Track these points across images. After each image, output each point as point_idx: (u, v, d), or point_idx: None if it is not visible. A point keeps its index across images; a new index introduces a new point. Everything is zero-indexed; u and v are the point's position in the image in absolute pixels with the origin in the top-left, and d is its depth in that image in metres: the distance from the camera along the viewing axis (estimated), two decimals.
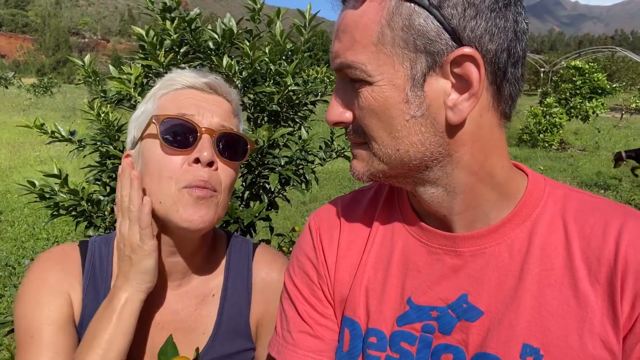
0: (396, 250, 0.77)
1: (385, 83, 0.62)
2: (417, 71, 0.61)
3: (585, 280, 0.63)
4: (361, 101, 0.64)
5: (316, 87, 2.07)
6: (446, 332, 0.70)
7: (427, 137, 0.63)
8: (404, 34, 0.60)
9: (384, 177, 0.70)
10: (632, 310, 0.60)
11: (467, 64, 0.59)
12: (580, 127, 16.90)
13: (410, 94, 0.62)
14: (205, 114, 0.90)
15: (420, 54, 0.60)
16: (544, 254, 0.66)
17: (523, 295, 0.66)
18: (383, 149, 0.66)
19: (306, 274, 0.83)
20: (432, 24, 0.59)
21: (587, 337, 0.62)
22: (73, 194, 1.74)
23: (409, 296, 0.73)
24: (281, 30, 1.98)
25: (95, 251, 0.97)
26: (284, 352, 0.81)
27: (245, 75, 1.93)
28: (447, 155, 0.65)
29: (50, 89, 30.56)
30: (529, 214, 0.69)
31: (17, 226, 6.28)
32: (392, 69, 0.61)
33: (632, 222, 0.64)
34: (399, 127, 0.63)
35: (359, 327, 0.77)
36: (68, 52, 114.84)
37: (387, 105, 0.62)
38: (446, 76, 0.61)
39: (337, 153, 2.21)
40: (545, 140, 13.56)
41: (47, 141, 1.90)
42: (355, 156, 0.72)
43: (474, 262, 0.70)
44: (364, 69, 0.62)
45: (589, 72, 15.75)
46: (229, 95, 0.97)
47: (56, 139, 1.89)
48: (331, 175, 9.47)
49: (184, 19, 1.97)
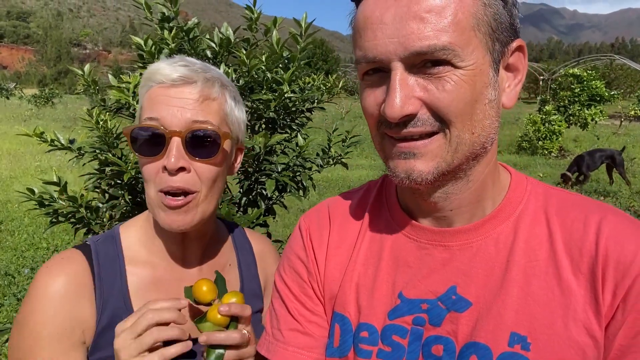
0: (386, 247, 0.79)
1: (474, 67, 0.63)
2: (496, 57, 0.66)
3: (569, 270, 0.66)
4: (447, 85, 0.62)
5: (313, 94, 2.09)
6: (436, 323, 0.72)
7: (493, 120, 0.67)
8: (494, 22, 0.64)
9: (447, 172, 0.67)
10: (613, 299, 0.63)
11: (518, 54, 0.69)
12: (580, 135, 16.93)
13: (492, 79, 0.66)
14: (175, 112, 0.89)
15: (497, 42, 0.65)
16: (528, 246, 0.70)
17: (510, 285, 0.68)
18: (461, 134, 0.65)
19: (296, 273, 0.85)
20: (506, 16, 0.65)
21: (572, 324, 0.64)
22: (72, 201, 1.76)
23: (400, 290, 0.75)
24: (278, 39, 2.01)
25: (99, 252, 0.95)
26: (274, 350, 0.82)
27: (242, 83, 1.96)
28: (492, 143, 0.70)
29: (51, 99, 30.69)
30: (513, 210, 0.73)
31: (17, 235, 6.29)
32: (481, 54, 0.64)
33: (611, 216, 0.68)
34: (478, 111, 0.65)
35: (349, 323, 0.78)
36: (69, 63, 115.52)
37: (475, 89, 0.64)
38: (504, 64, 0.68)
39: (334, 160, 2.23)
40: (544, 147, 13.59)
41: (47, 149, 1.92)
42: (418, 155, 0.66)
43: (462, 255, 0.72)
44: (459, 52, 0.61)
45: (588, 79, 15.82)
46: (206, 80, 0.93)
47: (56, 147, 1.91)
48: (330, 183, 9.48)
49: (182, 29, 2.01)
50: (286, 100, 1.98)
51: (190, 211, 0.90)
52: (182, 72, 0.90)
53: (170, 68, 0.91)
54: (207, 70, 0.95)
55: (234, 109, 0.98)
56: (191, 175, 0.90)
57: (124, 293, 0.93)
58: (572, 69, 17.47)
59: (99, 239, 0.99)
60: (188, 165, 0.89)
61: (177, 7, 2.01)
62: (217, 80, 0.95)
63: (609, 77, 36.67)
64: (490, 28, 0.64)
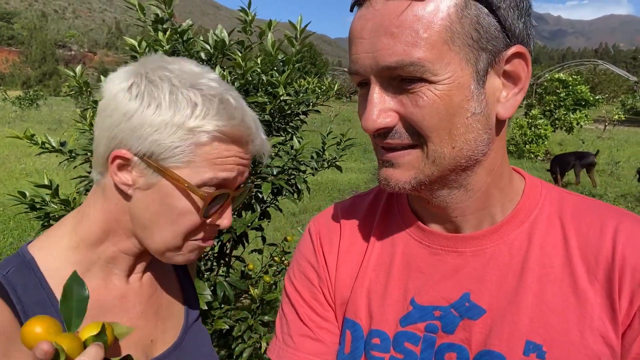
0: (397, 253, 0.77)
1: (450, 81, 0.60)
2: (481, 69, 0.62)
3: (584, 277, 0.65)
4: (420, 100, 0.61)
5: (308, 97, 2.09)
6: (449, 331, 0.71)
7: (480, 134, 0.64)
8: (473, 31, 0.60)
9: (429, 183, 0.67)
10: (630, 306, 0.62)
11: (517, 61, 0.64)
12: (565, 138, 17.17)
13: (475, 92, 0.62)
14: (238, 175, 0.81)
15: (483, 51, 0.61)
16: (543, 252, 0.68)
17: (524, 292, 0.67)
18: (439, 148, 0.64)
19: (307, 278, 0.84)
20: (493, 22, 0.61)
21: (588, 332, 0.63)
22: (64, 204, 1.73)
23: (412, 297, 0.74)
24: (273, 41, 2.00)
25: (17, 288, 0.75)
26: (285, 356, 0.81)
27: (238, 85, 1.95)
28: (485, 154, 0.67)
29: (36, 101, 30.21)
30: (527, 215, 0.71)
31: (3, 240, 6.18)
32: (459, 67, 0.60)
33: (628, 221, 0.66)
34: (458, 125, 0.62)
35: (360, 329, 0.77)
36: (54, 65, 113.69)
37: (452, 104, 0.61)
38: (499, 73, 0.64)
39: (328, 163, 2.23)
40: (531, 151, 13.76)
41: (37, 152, 1.89)
42: (398, 165, 0.67)
43: (475, 261, 0.71)
44: (430, 68, 0.59)
45: (573, 84, 16.06)
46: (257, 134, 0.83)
47: (46, 149, 1.88)
48: (320, 187, 9.48)
49: (176, 30, 1.99)
50: (282, 103, 1.97)
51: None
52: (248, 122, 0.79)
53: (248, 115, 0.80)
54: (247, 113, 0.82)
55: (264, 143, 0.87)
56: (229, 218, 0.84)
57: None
58: (558, 73, 17.72)
59: (7, 270, 0.76)
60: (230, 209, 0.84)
61: (171, 8, 2.00)
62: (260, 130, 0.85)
63: (593, 82, 37.27)
64: (471, 39, 0.60)
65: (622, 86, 42.47)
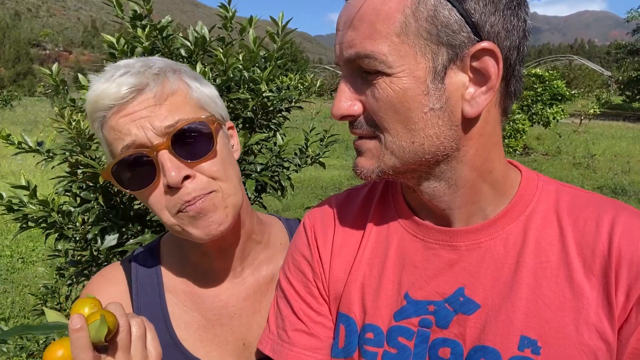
0: (392, 247, 0.77)
1: (405, 74, 0.61)
2: (439, 63, 0.61)
3: (581, 272, 0.64)
4: (377, 93, 0.62)
5: (290, 93, 2.08)
6: (443, 326, 0.70)
7: (442, 130, 0.63)
8: (429, 25, 0.59)
9: (394, 174, 0.68)
10: (626, 301, 0.61)
11: (487, 58, 0.61)
12: (542, 133, 17.45)
13: (431, 86, 0.61)
14: (146, 125, 0.77)
15: (442, 46, 0.60)
16: (539, 247, 0.67)
17: (519, 287, 0.66)
18: (397, 141, 0.64)
19: (301, 272, 0.83)
20: (455, 17, 0.59)
21: (583, 327, 0.62)
22: (43, 205, 1.69)
23: (406, 291, 0.73)
24: (254, 37, 1.99)
25: (138, 267, 0.94)
26: (279, 351, 0.81)
27: (219, 82, 1.93)
28: (456, 150, 0.66)
29: (10, 102, 29.53)
30: (523, 209, 0.71)
31: None
32: (414, 61, 0.60)
33: (624, 215, 0.65)
34: (416, 120, 0.62)
35: (354, 324, 0.77)
36: (29, 64, 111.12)
37: (406, 97, 0.61)
38: (465, 69, 0.62)
39: (312, 159, 2.22)
40: (509, 145, 13.95)
41: (14, 152, 1.84)
42: (362, 153, 0.69)
43: (470, 256, 0.70)
44: (384, 60, 0.60)
45: (549, 79, 16.32)
46: (156, 77, 0.80)
47: (23, 150, 1.83)
48: (303, 184, 9.47)
49: (155, 27, 1.96)
50: (264, 99, 1.96)
51: (218, 207, 0.80)
52: (127, 82, 0.78)
53: (111, 85, 0.78)
54: (150, 65, 0.82)
55: (200, 89, 0.86)
56: (200, 179, 0.80)
57: (167, 322, 0.90)
58: (534, 69, 17.99)
59: (142, 250, 0.98)
60: (191, 171, 0.79)
61: (150, 4, 1.97)
62: (167, 70, 0.83)
63: (569, 77, 37.94)
64: (426, 32, 0.60)
65: (597, 81, 43.32)
